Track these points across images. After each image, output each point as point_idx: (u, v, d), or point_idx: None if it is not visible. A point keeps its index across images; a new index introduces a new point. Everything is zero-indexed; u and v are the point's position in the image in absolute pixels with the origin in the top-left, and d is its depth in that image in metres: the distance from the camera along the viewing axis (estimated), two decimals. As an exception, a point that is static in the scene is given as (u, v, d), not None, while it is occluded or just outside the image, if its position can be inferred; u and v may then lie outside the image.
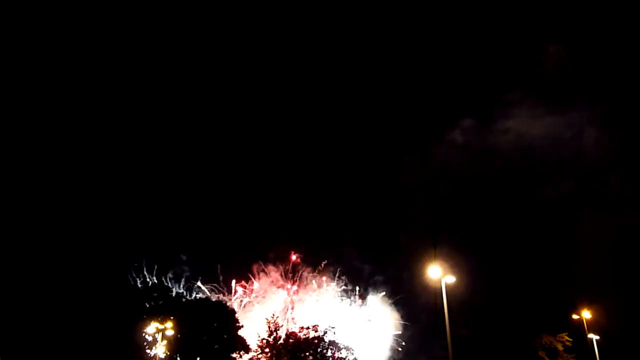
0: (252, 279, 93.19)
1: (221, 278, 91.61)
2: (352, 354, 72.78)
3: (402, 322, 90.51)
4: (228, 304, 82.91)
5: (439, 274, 29.27)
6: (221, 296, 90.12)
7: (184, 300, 75.04)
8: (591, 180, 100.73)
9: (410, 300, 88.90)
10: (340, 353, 71.67)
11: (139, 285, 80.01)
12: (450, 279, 29.12)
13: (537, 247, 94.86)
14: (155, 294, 70.64)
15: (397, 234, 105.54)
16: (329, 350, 71.39)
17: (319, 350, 70.67)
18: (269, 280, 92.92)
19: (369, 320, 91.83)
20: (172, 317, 59.06)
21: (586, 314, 46.03)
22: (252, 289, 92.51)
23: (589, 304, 47.88)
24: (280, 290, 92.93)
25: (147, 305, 65.74)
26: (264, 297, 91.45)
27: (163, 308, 59.58)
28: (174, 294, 77.42)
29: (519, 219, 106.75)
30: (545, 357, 71.55)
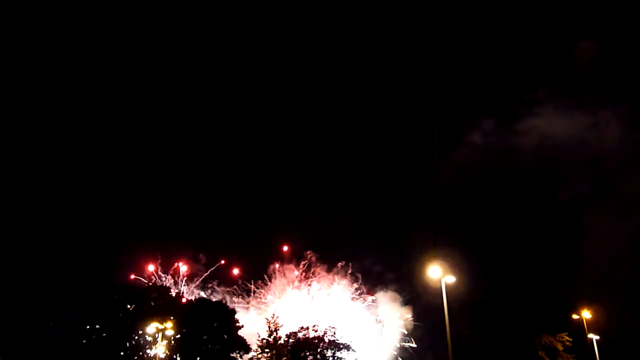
0: (268, 280, 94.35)
1: (240, 282, 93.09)
2: (353, 353, 72.84)
3: (412, 321, 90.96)
4: (234, 305, 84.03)
5: (439, 274, 29.16)
6: (240, 299, 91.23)
7: (183, 300, 75.12)
8: (604, 181, 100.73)
9: (420, 299, 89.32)
10: (341, 353, 71.73)
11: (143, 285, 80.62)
12: (451, 279, 29.03)
13: (537, 247, 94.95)
14: (155, 294, 70.69)
15: (409, 232, 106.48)
16: (329, 350, 71.44)
17: (318, 350, 70.71)
18: (284, 280, 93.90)
19: (379, 319, 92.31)
20: (172, 317, 59.02)
21: (586, 314, 45.94)
22: (268, 290, 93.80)
23: (589, 304, 47.85)
24: (295, 290, 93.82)
25: (147, 305, 65.77)
26: (279, 297, 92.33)
27: (163, 308, 59.58)
28: (173, 294, 77.57)
29: (519, 219, 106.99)
30: (545, 357, 71.45)
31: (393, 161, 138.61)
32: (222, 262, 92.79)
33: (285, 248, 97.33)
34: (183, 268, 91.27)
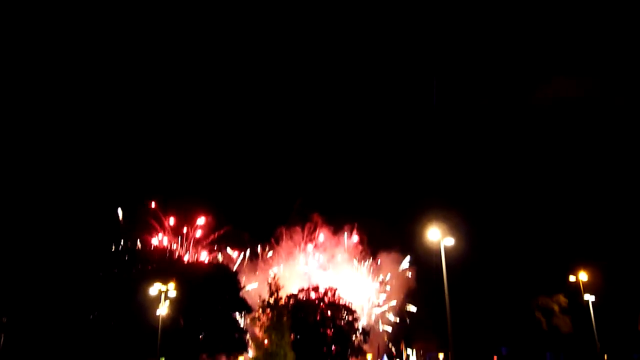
0: (275, 242, 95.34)
1: (248, 245, 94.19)
2: (352, 314, 73.90)
3: (414, 282, 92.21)
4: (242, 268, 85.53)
5: (438, 237, 29.23)
6: (248, 261, 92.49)
7: (185, 262, 75.96)
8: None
9: (422, 261, 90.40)
10: (340, 314, 72.76)
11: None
12: (450, 241, 29.11)
13: (535, 210, 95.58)
14: (158, 256, 71.45)
15: (414, 195, 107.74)
16: (329, 311, 72.47)
17: (318, 311, 71.72)
18: (291, 243, 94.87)
19: (382, 280, 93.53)
20: (174, 279, 59.63)
21: (583, 276, 46.31)
22: (275, 252, 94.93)
23: (585, 266, 48.18)
24: (301, 253, 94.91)
25: (150, 268, 66.48)
26: (286, 260, 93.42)
27: (166, 270, 60.23)
28: (176, 256, 78.39)
29: (517, 180, 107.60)
30: (542, 318, 72.63)
31: (397, 126, 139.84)
32: (228, 227, 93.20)
33: (293, 210, 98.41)
34: (192, 229, 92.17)
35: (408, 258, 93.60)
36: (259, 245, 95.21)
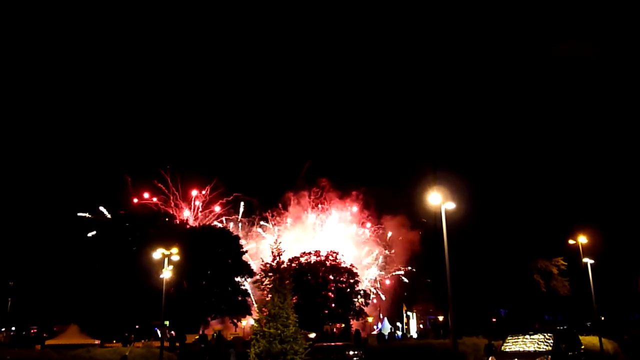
0: (282, 208, 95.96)
1: (256, 211, 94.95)
2: (354, 277, 74.64)
3: (418, 246, 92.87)
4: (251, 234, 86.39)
5: (439, 201, 29.12)
6: (257, 227, 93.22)
7: (187, 227, 76.37)
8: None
9: (426, 225, 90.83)
10: (342, 277, 73.48)
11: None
12: (450, 205, 29.06)
13: (536, 173, 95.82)
14: (160, 221, 71.87)
15: (417, 160, 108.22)
16: (330, 275, 73.19)
17: (320, 274, 72.44)
18: (299, 208, 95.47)
19: (386, 245, 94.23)
20: (177, 243, 60.01)
21: (582, 239, 46.50)
22: (283, 218, 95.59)
23: (585, 229, 48.31)
24: (308, 217, 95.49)
25: (152, 232, 66.96)
26: (293, 225, 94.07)
27: (168, 234, 60.58)
28: (178, 221, 78.79)
29: (517, 143, 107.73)
30: (540, 281, 73.25)
31: (404, 88, 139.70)
32: (237, 194, 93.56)
33: (301, 173, 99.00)
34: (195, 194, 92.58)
35: (422, 221, 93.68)
36: (268, 211, 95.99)
